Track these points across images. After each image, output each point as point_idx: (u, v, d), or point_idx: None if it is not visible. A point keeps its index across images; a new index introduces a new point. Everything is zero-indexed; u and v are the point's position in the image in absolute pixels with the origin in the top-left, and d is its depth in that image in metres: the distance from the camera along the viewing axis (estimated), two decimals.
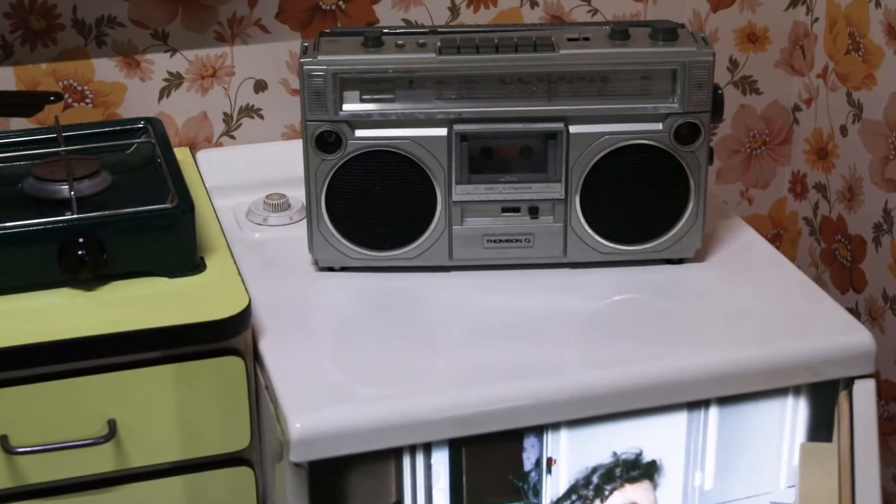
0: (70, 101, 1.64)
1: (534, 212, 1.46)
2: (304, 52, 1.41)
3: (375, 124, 1.42)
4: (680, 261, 1.50)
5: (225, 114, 1.72)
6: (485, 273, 1.48)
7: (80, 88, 1.65)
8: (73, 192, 1.37)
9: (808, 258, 1.96)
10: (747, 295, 1.45)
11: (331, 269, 1.48)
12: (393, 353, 1.35)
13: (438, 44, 1.42)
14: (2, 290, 1.33)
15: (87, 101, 1.65)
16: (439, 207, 1.44)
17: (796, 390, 1.37)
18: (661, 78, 1.42)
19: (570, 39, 1.43)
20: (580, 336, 1.39)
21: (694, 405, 1.35)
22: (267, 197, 1.59)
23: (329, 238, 1.45)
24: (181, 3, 1.64)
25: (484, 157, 1.44)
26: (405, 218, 1.45)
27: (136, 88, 1.67)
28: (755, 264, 1.51)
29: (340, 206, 1.44)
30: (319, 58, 1.40)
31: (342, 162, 1.42)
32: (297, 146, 1.46)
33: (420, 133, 1.42)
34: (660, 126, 1.43)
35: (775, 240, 1.98)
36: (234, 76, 1.70)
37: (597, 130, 1.42)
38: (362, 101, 1.41)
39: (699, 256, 1.50)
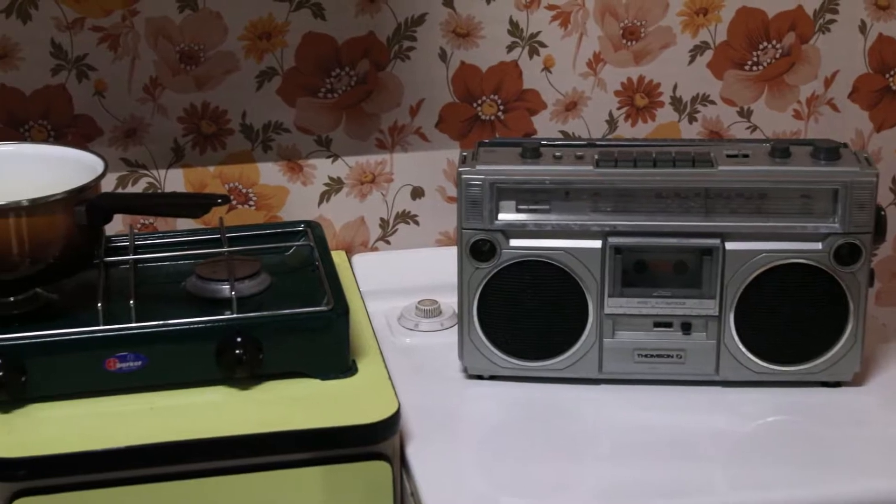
0: (234, 202, 1.70)
1: (686, 328, 1.44)
2: (463, 161, 1.44)
3: (530, 234, 1.42)
4: (837, 384, 1.46)
5: (382, 219, 1.75)
6: (634, 387, 1.46)
7: (244, 191, 1.70)
8: (233, 292, 1.41)
9: None
10: None
11: (480, 378, 1.48)
12: (539, 464, 1.34)
13: (596, 156, 1.42)
14: (162, 386, 1.37)
15: (251, 203, 1.71)
16: (591, 319, 1.44)
17: None
18: (821, 197, 1.40)
19: (729, 156, 1.42)
20: (730, 457, 1.36)
21: None
22: (419, 302, 1.61)
23: (479, 346, 1.46)
24: (345, 111, 1.69)
25: (637, 271, 1.44)
26: (556, 329, 1.44)
27: (298, 192, 1.71)
28: None
29: (492, 315, 1.45)
30: (478, 167, 1.42)
31: (495, 270, 1.43)
32: (451, 253, 1.48)
33: (574, 244, 1.42)
34: (819, 245, 1.40)
35: None
36: (393, 182, 1.74)
37: (754, 248, 1.41)
38: (518, 210, 1.43)
39: (857, 380, 1.46)
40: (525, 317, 1.44)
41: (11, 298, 1.40)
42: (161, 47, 1.61)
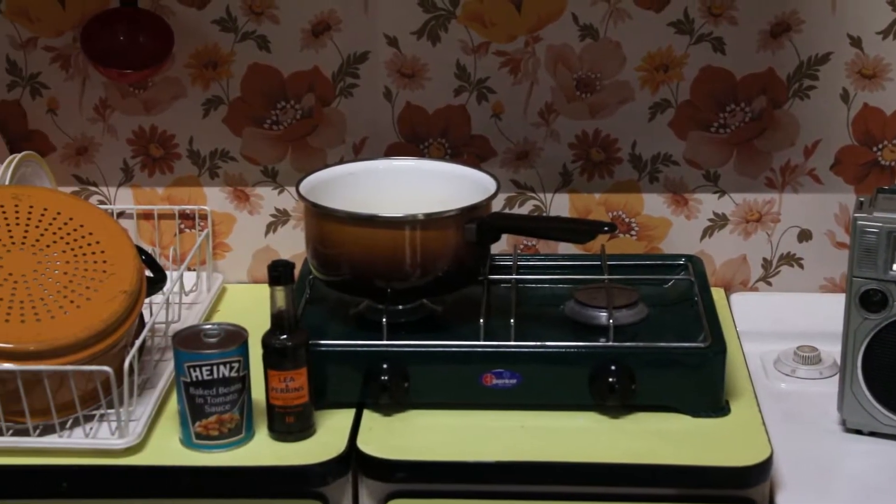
0: (617, 231, 1.70)
1: None
2: (860, 206, 1.38)
3: None
4: None
5: (764, 259, 1.71)
6: None
7: (627, 220, 1.70)
8: (611, 320, 1.41)
9: None
10: None
11: (858, 432, 1.42)
12: None
13: None
14: (533, 406, 1.39)
15: (633, 233, 1.71)
16: None
17: None
18: None
19: None
20: None
21: None
22: (798, 348, 1.56)
23: (861, 400, 1.39)
24: (736, 147, 1.66)
25: None
26: None
27: (681, 225, 1.70)
28: None
29: (877, 369, 1.38)
30: (875, 214, 1.36)
31: (886, 323, 1.36)
32: (835, 300, 1.43)
33: None
34: None
35: None
36: (779, 223, 1.69)
37: None
38: None
39: None
40: None
41: (400, 307, 1.47)
42: (559, 74, 1.65)
